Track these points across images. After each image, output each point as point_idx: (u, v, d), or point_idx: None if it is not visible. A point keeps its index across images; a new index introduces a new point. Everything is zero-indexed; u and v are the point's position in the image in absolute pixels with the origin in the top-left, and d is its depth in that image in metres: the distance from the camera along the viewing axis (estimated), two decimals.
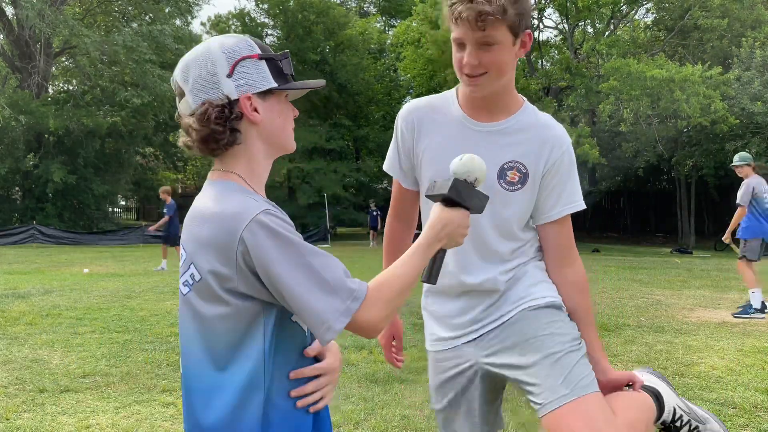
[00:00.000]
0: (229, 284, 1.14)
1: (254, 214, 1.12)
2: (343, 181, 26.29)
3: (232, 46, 1.22)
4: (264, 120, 1.23)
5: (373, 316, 1.15)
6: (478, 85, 1.52)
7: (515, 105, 1.63)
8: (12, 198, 25.93)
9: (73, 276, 11.13)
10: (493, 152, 1.58)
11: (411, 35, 22.44)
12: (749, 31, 19.55)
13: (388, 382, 4.49)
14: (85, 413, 3.81)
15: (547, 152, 1.58)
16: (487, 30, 1.42)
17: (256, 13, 28.80)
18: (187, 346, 1.22)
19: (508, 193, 1.58)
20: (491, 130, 1.60)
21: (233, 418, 1.15)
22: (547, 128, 1.60)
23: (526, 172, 1.58)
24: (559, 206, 1.61)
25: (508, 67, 1.52)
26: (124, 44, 22.73)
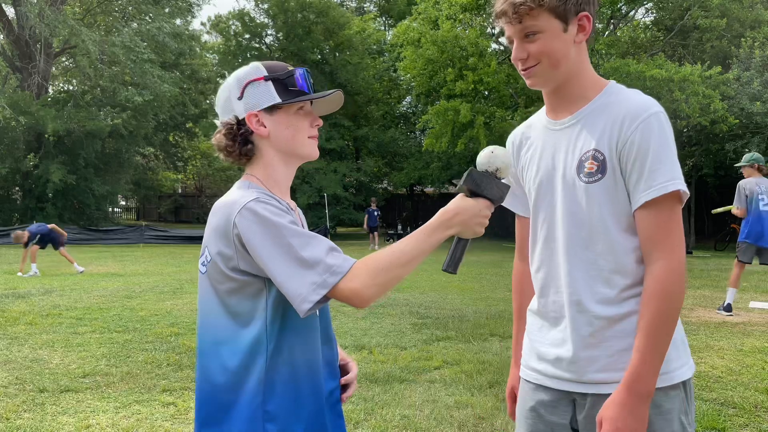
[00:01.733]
0: (232, 263, 1.32)
1: (245, 202, 1.30)
2: (342, 181, 26.28)
3: (243, 74, 1.42)
4: (272, 132, 1.41)
5: (356, 285, 1.25)
6: (533, 77, 1.45)
7: (594, 89, 1.46)
8: (12, 198, 25.92)
9: (73, 276, 11.13)
10: (572, 146, 1.44)
11: (411, 35, 22.41)
12: (749, 31, 19.55)
13: (388, 382, 4.49)
14: (85, 413, 3.81)
15: (617, 130, 1.37)
16: (524, 21, 1.39)
17: (256, 13, 28.76)
18: (207, 316, 1.39)
19: (589, 186, 1.39)
20: (568, 125, 1.47)
21: (239, 378, 1.32)
22: (622, 104, 1.39)
23: (604, 158, 1.38)
24: (639, 192, 1.35)
25: (561, 54, 1.40)
26: (123, 44, 22.73)
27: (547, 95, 1.53)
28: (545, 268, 1.51)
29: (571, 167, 1.44)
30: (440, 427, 3.63)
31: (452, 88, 20.60)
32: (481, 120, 20.00)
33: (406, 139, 30.78)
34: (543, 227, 1.51)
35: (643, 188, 1.35)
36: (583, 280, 1.42)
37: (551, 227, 1.49)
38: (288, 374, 1.34)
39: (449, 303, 8.26)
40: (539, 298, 1.55)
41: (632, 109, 1.37)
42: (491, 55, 22.01)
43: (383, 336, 6.05)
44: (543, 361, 1.52)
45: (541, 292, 1.54)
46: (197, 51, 31.07)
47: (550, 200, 1.48)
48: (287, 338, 1.34)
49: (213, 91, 33.04)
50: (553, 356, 1.49)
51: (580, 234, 1.43)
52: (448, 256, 1.40)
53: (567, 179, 1.44)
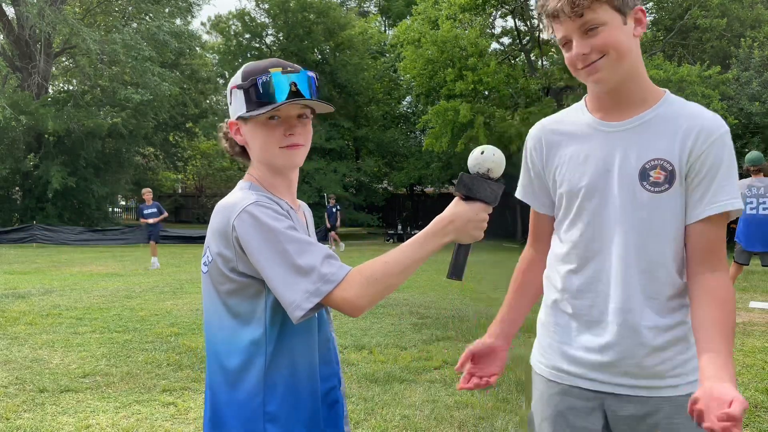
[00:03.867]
0: (231, 264, 1.32)
1: (245, 205, 1.29)
2: (342, 180, 26.28)
3: (232, 79, 1.42)
4: (247, 142, 1.42)
5: (349, 295, 1.25)
6: (599, 72, 1.38)
7: (653, 97, 1.43)
8: (12, 198, 25.91)
9: (73, 276, 11.13)
10: (632, 152, 1.41)
11: (411, 35, 22.40)
12: (749, 30, 19.55)
13: (388, 382, 4.49)
14: (85, 413, 3.81)
15: (690, 144, 1.36)
16: (586, 14, 1.35)
17: (256, 13, 28.76)
18: (208, 315, 1.42)
19: (654, 195, 1.38)
20: (627, 128, 1.42)
21: (238, 378, 1.34)
22: (694, 117, 1.39)
23: (672, 169, 1.37)
24: (702, 205, 1.37)
25: (626, 46, 1.37)
26: (123, 43, 22.72)
27: (600, 95, 1.47)
28: (589, 271, 1.46)
29: (632, 173, 1.40)
30: (440, 427, 3.64)
31: (452, 88, 20.60)
32: (481, 120, 20.00)
33: (406, 139, 30.78)
34: (588, 229, 1.46)
35: (708, 202, 1.36)
36: (636, 287, 1.41)
37: (599, 230, 1.44)
38: (289, 375, 1.34)
39: (449, 303, 8.26)
40: (573, 299, 1.50)
41: (708, 123, 1.38)
42: (491, 55, 22.02)
43: (383, 336, 6.05)
44: (575, 364, 1.50)
45: (576, 294, 1.49)
46: (197, 51, 31.05)
47: (600, 202, 1.44)
48: (287, 340, 1.34)
49: (213, 91, 33.03)
50: (590, 360, 1.47)
51: (637, 241, 1.40)
52: (451, 263, 1.37)
53: (625, 184, 1.40)
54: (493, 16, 24.43)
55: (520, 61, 25.02)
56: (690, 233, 1.40)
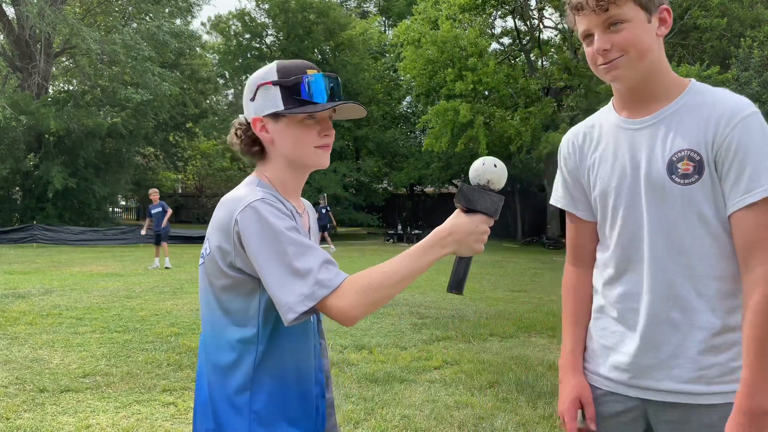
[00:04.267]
0: (229, 259, 1.31)
1: (251, 201, 1.28)
2: (342, 180, 26.28)
3: (260, 74, 1.40)
4: (275, 140, 1.39)
5: (344, 304, 1.23)
6: (618, 70, 1.36)
7: (677, 88, 1.40)
8: (12, 198, 25.90)
9: (73, 276, 11.13)
10: (658, 146, 1.37)
11: (411, 35, 22.41)
12: (749, 30, 19.55)
13: (388, 382, 4.49)
14: (85, 413, 3.81)
15: (713, 129, 1.32)
16: (611, 9, 1.33)
17: (256, 13, 28.78)
18: (203, 309, 1.41)
19: (684, 188, 1.33)
20: (651, 123, 1.39)
21: (227, 373, 1.33)
22: (717, 102, 1.34)
23: (701, 159, 1.32)
24: (737, 194, 1.29)
25: (647, 46, 1.34)
26: (123, 43, 22.72)
27: (622, 93, 1.45)
28: (628, 273, 1.43)
29: (659, 168, 1.36)
30: (440, 427, 3.64)
31: (452, 88, 20.61)
32: (481, 120, 20.01)
33: (406, 139, 30.78)
34: (624, 230, 1.43)
35: (744, 190, 1.29)
36: (678, 286, 1.36)
37: (634, 231, 1.41)
38: (278, 377, 1.33)
39: (449, 303, 8.26)
40: (615, 303, 1.47)
41: (729, 107, 1.32)
42: (490, 56, 22.02)
43: (383, 336, 6.05)
44: (617, 370, 1.46)
45: (618, 297, 1.46)
46: (197, 51, 31.06)
47: (632, 202, 1.41)
48: (279, 341, 1.33)
49: (213, 91, 33.04)
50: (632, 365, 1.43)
51: (671, 239, 1.36)
52: (451, 276, 1.34)
53: (653, 180, 1.37)
54: (493, 16, 24.43)
55: (519, 61, 25.03)
56: (732, 226, 1.33)
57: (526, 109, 20.93)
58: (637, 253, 1.41)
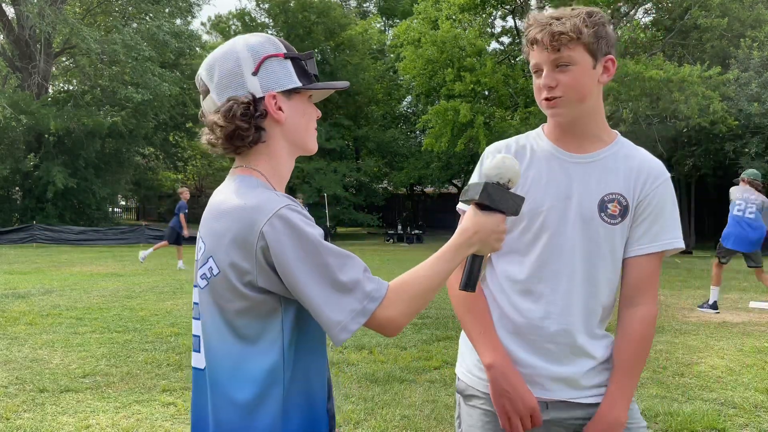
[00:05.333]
0: (248, 278, 1.14)
1: (276, 209, 1.12)
2: (342, 180, 26.29)
3: (258, 45, 1.22)
4: (288, 119, 1.24)
5: (393, 314, 1.16)
6: (557, 108, 1.48)
7: (608, 137, 1.56)
8: (12, 198, 25.90)
9: (73, 276, 11.13)
10: (592, 184, 1.51)
11: (411, 35, 22.40)
12: (749, 30, 19.54)
13: (388, 382, 4.49)
14: (85, 413, 3.81)
15: (641, 183, 1.50)
16: (562, 50, 1.42)
17: (256, 13, 28.79)
18: (210, 339, 1.22)
19: (609, 227, 1.50)
20: (588, 161, 1.53)
21: (251, 412, 1.16)
22: (645, 161, 1.53)
23: (627, 204, 1.50)
24: (642, 242, 1.50)
25: (587, 90, 1.46)
26: (123, 43, 22.73)
27: (560, 126, 1.55)
28: (540, 293, 1.52)
29: (590, 203, 1.50)
30: (440, 427, 3.64)
31: (451, 88, 20.61)
32: (481, 120, 20.00)
33: (406, 139, 30.79)
34: (545, 252, 1.51)
35: (649, 240, 1.50)
36: (576, 313, 1.50)
37: (556, 254, 1.51)
38: (305, 403, 1.21)
39: (449, 303, 8.24)
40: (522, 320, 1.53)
41: (655, 168, 1.52)
42: (488, 56, 22.02)
43: (383, 336, 6.04)
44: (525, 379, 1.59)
45: (526, 312, 1.53)
46: (197, 51, 31.06)
47: (559, 226, 1.51)
48: (303, 362, 1.20)
49: None
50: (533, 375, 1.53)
51: (585, 269, 1.50)
52: (465, 275, 1.32)
53: (584, 213, 1.49)
54: (493, 15, 24.44)
55: (519, 62, 25.03)
56: (626, 266, 1.53)
57: (526, 109, 20.91)
58: (554, 275, 1.51)
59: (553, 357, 1.51)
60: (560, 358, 1.51)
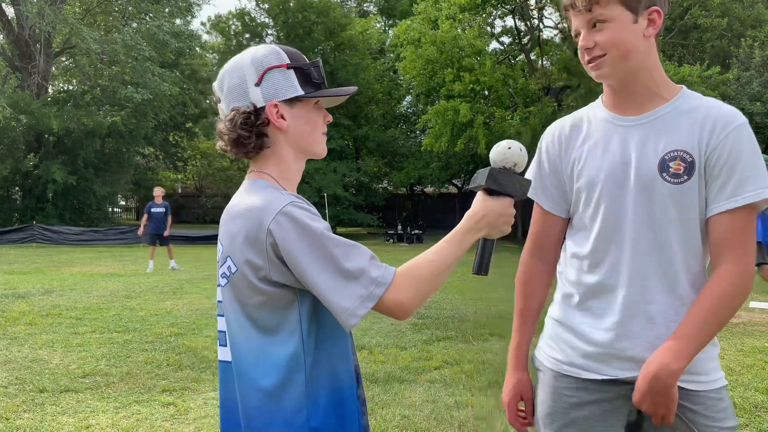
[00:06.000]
0: (262, 273, 1.22)
1: (281, 207, 1.19)
2: (342, 180, 26.28)
3: (263, 57, 1.30)
4: (290, 126, 1.31)
5: (401, 297, 1.20)
6: (601, 68, 1.41)
7: (669, 92, 1.45)
8: (12, 198, 25.90)
9: (73, 276, 11.13)
10: (650, 144, 1.41)
11: (411, 35, 22.40)
12: (749, 30, 19.55)
13: (388, 382, 4.49)
14: (85, 413, 3.81)
15: (707, 135, 1.37)
16: (594, 9, 1.38)
17: (256, 13, 28.79)
18: (234, 333, 1.30)
19: (674, 186, 1.38)
20: (644, 122, 1.43)
21: (277, 396, 1.24)
22: (711, 109, 1.39)
23: (692, 160, 1.37)
24: (720, 199, 1.36)
25: (630, 46, 1.38)
26: (123, 42, 22.73)
27: (613, 90, 1.48)
28: (606, 265, 1.45)
29: (650, 165, 1.40)
30: (440, 427, 3.63)
31: (451, 88, 20.61)
32: (481, 120, 20.00)
33: (406, 139, 30.78)
34: (606, 222, 1.45)
35: (729, 194, 1.35)
36: (653, 280, 1.40)
37: (618, 223, 1.43)
38: (331, 386, 1.27)
39: (449, 303, 8.26)
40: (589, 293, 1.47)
41: (723, 115, 1.38)
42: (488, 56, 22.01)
43: (383, 336, 6.05)
44: (589, 359, 1.47)
45: (593, 287, 1.47)
46: (197, 51, 31.06)
47: (620, 195, 1.43)
48: (325, 348, 1.27)
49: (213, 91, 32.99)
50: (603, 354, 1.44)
51: (653, 234, 1.40)
52: (477, 259, 1.36)
53: (643, 176, 1.40)
54: (493, 15, 24.43)
55: (519, 61, 25.02)
56: (710, 226, 1.39)
57: (526, 108, 20.92)
58: (618, 245, 1.43)
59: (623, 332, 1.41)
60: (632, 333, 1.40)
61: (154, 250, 12.63)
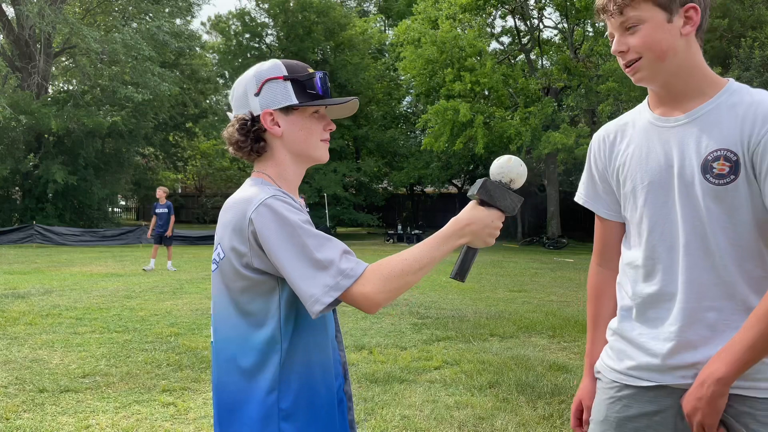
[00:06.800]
0: (245, 260, 1.31)
1: (263, 199, 1.29)
2: (342, 180, 26.29)
3: (264, 70, 1.42)
4: (285, 133, 1.41)
5: (368, 290, 1.25)
6: (639, 72, 1.38)
7: (713, 87, 1.37)
8: (12, 198, 25.90)
9: (72, 276, 11.13)
10: (692, 145, 1.35)
11: (411, 35, 22.41)
12: (750, 31, 19.55)
13: (388, 382, 4.49)
14: (85, 413, 3.81)
15: (748, 129, 1.29)
16: (625, 12, 1.35)
17: (256, 13, 28.78)
18: (219, 315, 1.40)
19: (719, 188, 1.31)
20: (687, 121, 1.37)
21: (253, 376, 1.33)
22: (754, 103, 1.31)
23: (737, 159, 1.29)
24: None
25: (666, 46, 1.33)
26: (123, 42, 22.73)
27: (656, 91, 1.44)
28: (658, 273, 1.41)
29: (692, 167, 1.34)
30: (440, 427, 3.63)
31: (451, 88, 20.61)
32: (481, 119, 20.01)
33: (406, 138, 30.78)
34: (655, 229, 1.41)
35: None
36: (708, 287, 1.35)
37: (667, 230, 1.39)
38: (304, 373, 1.34)
39: (449, 303, 8.26)
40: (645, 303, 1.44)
41: (765, 107, 1.30)
42: (488, 56, 22.02)
43: (383, 336, 6.05)
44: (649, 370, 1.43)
45: (648, 297, 1.43)
46: (197, 51, 31.05)
47: (665, 201, 1.39)
48: (302, 337, 1.35)
49: (213, 91, 33.02)
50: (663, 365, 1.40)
51: (703, 239, 1.34)
52: (457, 265, 1.39)
53: (686, 179, 1.35)
54: (493, 15, 24.43)
55: (519, 61, 25.02)
56: None
57: (526, 108, 20.93)
58: (669, 252, 1.39)
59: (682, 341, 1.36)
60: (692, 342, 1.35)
61: (156, 249, 12.73)
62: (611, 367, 1.52)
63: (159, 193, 12.94)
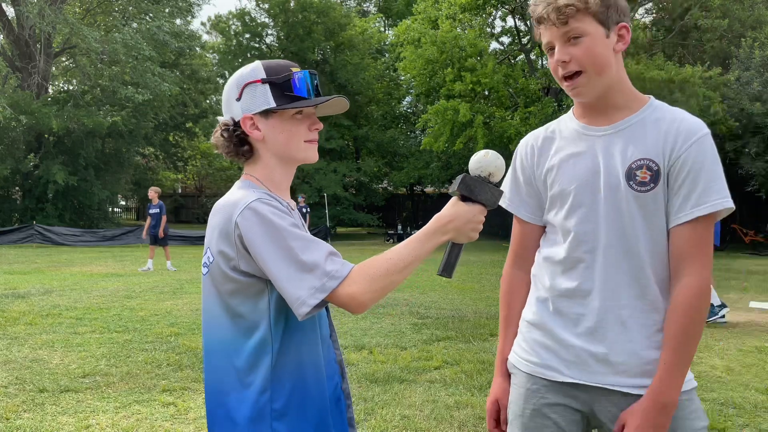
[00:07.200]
0: (233, 263, 1.32)
1: (248, 203, 1.30)
2: (342, 180, 26.28)
3: (245, 74, 1.41)
4: (266, 136, 1.41)
5: (354, 291, 1.26)
6: (578, 87, 1.44)
7: (638, 103, 1.48)
8: (12, 198, 25.89)
9: (72, 276, 11.13)
10: (617, 153, 1.44)
11: (411, 35, 22.40)
12: (750, 31, 19.54)
13: (388, 382, 4.49)
14: (85, 413, 3.81)
15: (670, 144, 1.39)
16: (570, 23, 1.39)
17: (256, 13, 28.75)
18: (210, 317, 1.42)
19: (640, 195, 1.41)
20: (613, 131, 1.46)
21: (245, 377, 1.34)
22: (676, 121, 1.42)
23: (658, 169, 1.40)
24: (683, 209, 1.38)
25: (605, 60, 1.41)
26: (123, 42, 22.73)
27: (584, 103, 1.52)
28: (578, 270, 1.48)
29: (618, 173, 1.43)
30: (440, 427, 3.63)
31: (451, 88, 20.61)
32: (481, 120, 20.00)
33: (406, 138, 30.77)
34: (578, 230, 1.48)
35: (693, 204, 1.37)
36: (623, 287, 1.43)
37: (589, 231, 1.46)
38: (296, 373, 1.35)
39: (449, 303, 8.26)
40: (562, 297, 1.50)
41: (687, 126, 1.41)
42: (489, 56, 22.01)
43: (383, 336, 6.05)
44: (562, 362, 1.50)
45: (566, 292, 1.50)
46: (197, 51, 31.05)
47: (591, 203, 1.46)
48: (293, 337, 1.35)
49: (213, 91, 33.04)
50: (575, 358, 1.47)
51: (623, 241, 1.43)
52: (443, 261, 1.41)
53: (612, 185, 1.43)
54: (493, 15, 24.43)
55: (519, 61, 25.02)
56: (670, 237, 1.42)
57: (526, 109, 20.92)
58: (591, 252, 1.46)
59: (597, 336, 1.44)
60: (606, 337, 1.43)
61: (153, 250, 12.71)
62: (526, 359, 1.57)
63: (151, 194, 12.90)
